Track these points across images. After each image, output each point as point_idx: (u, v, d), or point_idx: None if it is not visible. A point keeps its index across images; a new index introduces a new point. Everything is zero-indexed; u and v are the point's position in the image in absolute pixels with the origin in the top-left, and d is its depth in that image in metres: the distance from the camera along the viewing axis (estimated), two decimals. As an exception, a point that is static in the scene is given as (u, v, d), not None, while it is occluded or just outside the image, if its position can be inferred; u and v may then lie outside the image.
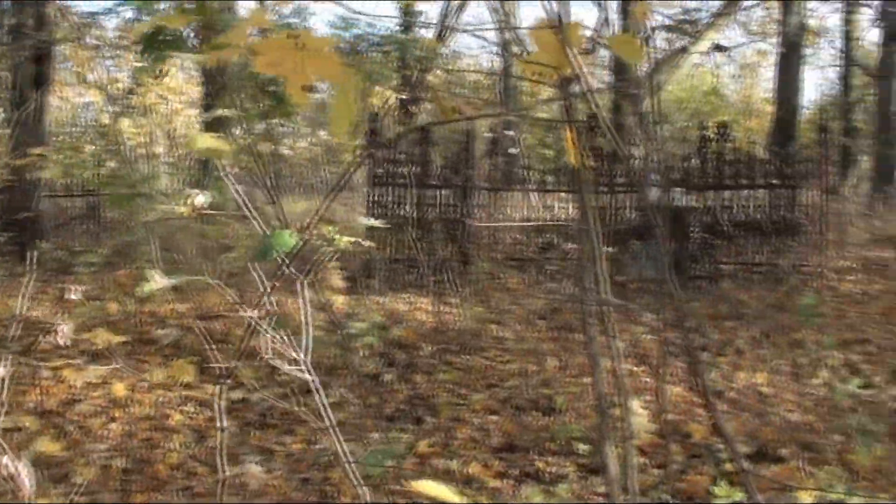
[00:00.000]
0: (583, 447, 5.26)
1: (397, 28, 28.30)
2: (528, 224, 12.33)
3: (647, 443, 5.39)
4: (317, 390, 2.31)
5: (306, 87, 2.24)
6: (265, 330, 2.18)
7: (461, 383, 6.59)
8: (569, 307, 8.79)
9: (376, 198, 11.22)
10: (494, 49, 31.09)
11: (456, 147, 11.35)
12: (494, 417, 5.85)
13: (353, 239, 2.54)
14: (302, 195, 22.41)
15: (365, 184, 11.82)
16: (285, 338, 2.27)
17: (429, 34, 28.52)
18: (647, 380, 6.70)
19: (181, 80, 23.21)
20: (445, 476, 4.90)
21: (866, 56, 30.22)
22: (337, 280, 8.19)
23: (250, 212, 2.29)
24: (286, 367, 2.23)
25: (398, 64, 28.71)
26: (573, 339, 7.82)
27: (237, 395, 6.21)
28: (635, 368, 7.03)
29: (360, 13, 35.52)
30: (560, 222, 11.84)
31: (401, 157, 11.23)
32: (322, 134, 28.55)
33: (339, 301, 8.66)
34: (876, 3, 27.85)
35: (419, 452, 5.24)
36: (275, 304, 2.23)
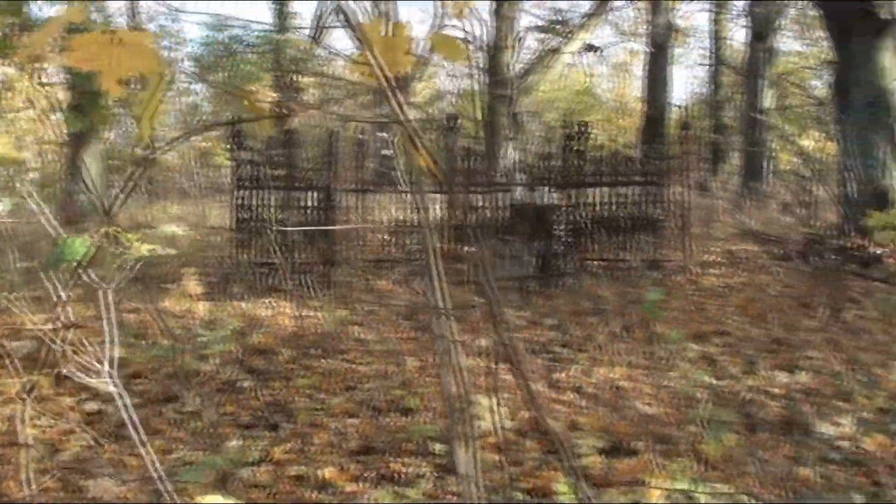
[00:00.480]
0: (438, 447, 5.25)
1: (272, 30, 28.16)
2: (397, 225, 12.29)
3: (503, 440, 5.40)
4: (125, 406, 2.24)
5: (121, 81, 2.22)
6: (59, 342, 2.11)
7: (320, 387, 6.50)
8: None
9: (241, 201, 11.01)
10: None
11: (323, 149, 11.23)
12: (352, 420, 5.79)
13: (152, 246, 2.47)
14: (176, 200, 22.09)
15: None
16: (90, 348, 2.19)
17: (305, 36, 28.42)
18: (507, 377, 6.72)
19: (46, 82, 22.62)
20: (300, 482, 4.85)
21: (734, 55, 30.94)
22: (193, 286, 8.06)
23: (48, 220, 2.21)
24: (88, 380, 2.15)
25: (272, 65, 28.55)
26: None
27: (92, 406, 6.08)
28: (495, 366, 7.05)
29: (202, 14, 34.97)
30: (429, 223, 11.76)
31: (266, 160, 11.05)
32: (194, 139, 28.29)
33: (200, 308, 8.53)
34: (742, 2, 28.54)
35: (275, 459, 5.16)
36: (71, 315, 2.15)
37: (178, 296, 8.59)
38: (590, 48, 26.24)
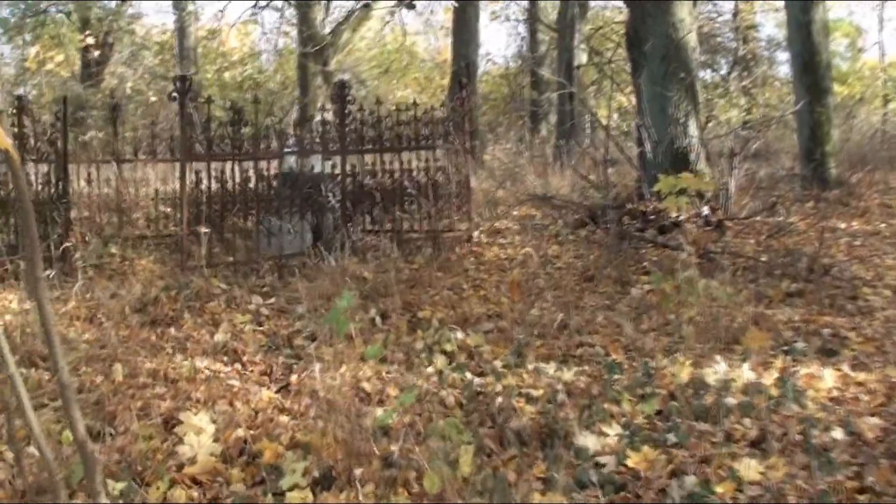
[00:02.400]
0: (119, 486, 4.27)
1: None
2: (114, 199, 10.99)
3: (206, 469, 4.49)
4: None
5: None
6: None
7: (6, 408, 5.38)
8: (166, 297, 7.63)
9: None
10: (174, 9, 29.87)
11: (56, 115, 9.78)
12: (31, 449, 4.73)
13: None
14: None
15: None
16: None
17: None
18: (234, 382, 5.75)
19: None
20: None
21: (550, 10, 30.42)
22: None
23: None
24: None
25: (80, 26, 27.05)
26: (167, 336, 6.75)
27: None
28: (225, 368, 6.08)
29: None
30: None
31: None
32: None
33: None
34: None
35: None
36: None
37: None
38: (403, 3, 25.48)
